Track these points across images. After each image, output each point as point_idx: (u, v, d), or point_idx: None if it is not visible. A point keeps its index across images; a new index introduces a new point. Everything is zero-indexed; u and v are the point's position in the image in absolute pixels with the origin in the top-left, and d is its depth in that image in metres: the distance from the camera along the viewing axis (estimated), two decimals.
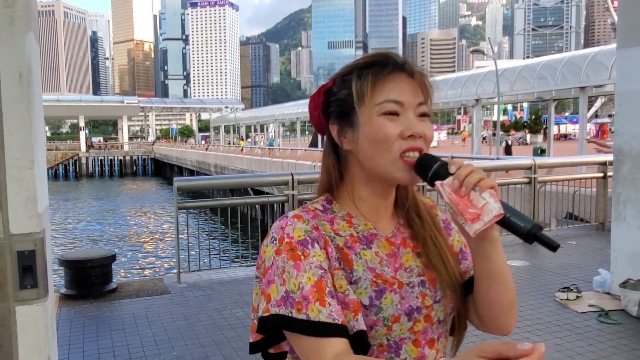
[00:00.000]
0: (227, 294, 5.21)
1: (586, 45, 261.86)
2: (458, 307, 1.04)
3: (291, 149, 31.44)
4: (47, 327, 1.85)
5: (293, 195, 5.96)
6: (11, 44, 1.69)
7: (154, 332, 4.23)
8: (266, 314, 0.90)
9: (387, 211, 1.05)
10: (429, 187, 0.98)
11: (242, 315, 4.56)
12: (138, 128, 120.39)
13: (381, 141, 0.94)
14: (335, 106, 1.00)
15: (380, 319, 0.93)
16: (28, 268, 1.79)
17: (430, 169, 0.93)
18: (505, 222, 0.88)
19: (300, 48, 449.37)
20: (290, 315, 0.87)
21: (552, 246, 0.86)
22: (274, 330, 0.91)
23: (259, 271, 0.96)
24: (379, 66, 0.97)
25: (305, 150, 29.28)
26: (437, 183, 0.92)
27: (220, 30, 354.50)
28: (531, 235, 0.86)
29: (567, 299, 4.74)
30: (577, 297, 4.77)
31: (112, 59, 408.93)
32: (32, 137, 1.75)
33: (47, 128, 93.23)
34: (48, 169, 56.36)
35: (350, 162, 1.02)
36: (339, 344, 0.86)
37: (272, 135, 54.62)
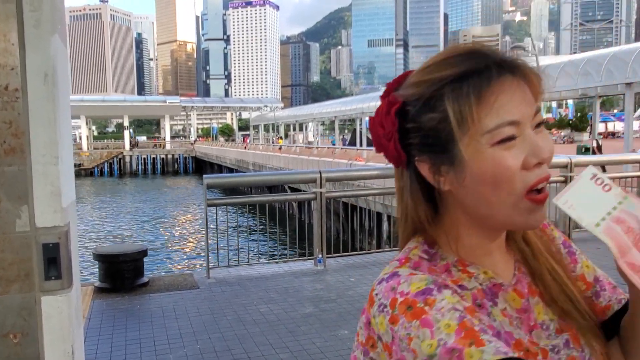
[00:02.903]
0: (254, 290, 5.29)
1: (637, 40, 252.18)
2: (605, 352, 0.78)
3: (328, 147, 31.52)
4: (70, 317, 1.92)
5: (321, 193, 5.98)
6: (37, 46, 1.76)
7: (180, 326, 4.33)
8: None
9: (502, 249, 0.80)
10: None
11: (266, 311, 4.62)
12: (180, 127, 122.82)
13: (503, 181, 0.69)
14: (421, 137, 0.73)
15: None
16: (52, 260, 1.85)
17: None
18: None
19: (340, 47, 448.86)
20: None
21: None
22: None
23: (375, 352, 0.72)
24: (476, 74, 0.70)
25: (342, 148, 29.32)
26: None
27: (260, 30, 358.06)
28: None
29: None
30: None
31: (156, 59, 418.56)
32: (56, 134, 1.82)
33: (94, 128, 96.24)
34: (94, 167, 58.31)
35: (450, 203, 0.76)
36: None
37: (321, 133, 54.24)
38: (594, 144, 24.51)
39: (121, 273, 5.34)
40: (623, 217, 0.65)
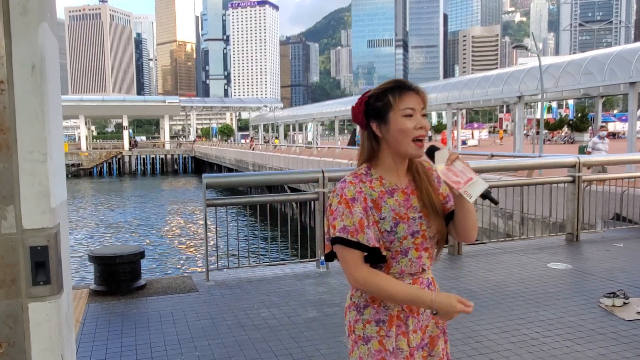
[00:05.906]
0: (254, 293, 5.12)
1: (637, 41, 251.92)
2: (441, 229, 1.76)
3: (328, 147, 31.34)
4: (60, 325, 1.78)
5: (324, 192, 5.83)
6: (24, 35, 1.62)
7: (178, 331, 4.16)
8: (334, 236, 1.68)
9: (403, 172, 1.76)
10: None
11: (267, 316, 4.45)
12: (180, 127, 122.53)
13: (404, 132, 1.67)
14: (374, 112, 1.70)
15: (396, 238, 1.68)
16: (41, 264, 1.72)
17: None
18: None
19: (339, 47, 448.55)
20: (346, 237, 1.65)
21: (495, 202, 1.69)
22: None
23: (327, 212, 1.73)
24: (400, 88, 1.70)
25: (342, 148, 29.13)
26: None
27: (260, 30, 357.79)
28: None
29: (613, 306, 4.44)
30: (624, 303, 4.47)
31: (156, 59, 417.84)
32: (45, 129, 1.68)
33: (93, 127, 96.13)
34: (93, 167, 58.14)
35: (383, 144, 1.73)
36: (360, 256, 1.66)
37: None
38: None
39: (117, 275, 5.16)
40: (451, 168, 1.67)
